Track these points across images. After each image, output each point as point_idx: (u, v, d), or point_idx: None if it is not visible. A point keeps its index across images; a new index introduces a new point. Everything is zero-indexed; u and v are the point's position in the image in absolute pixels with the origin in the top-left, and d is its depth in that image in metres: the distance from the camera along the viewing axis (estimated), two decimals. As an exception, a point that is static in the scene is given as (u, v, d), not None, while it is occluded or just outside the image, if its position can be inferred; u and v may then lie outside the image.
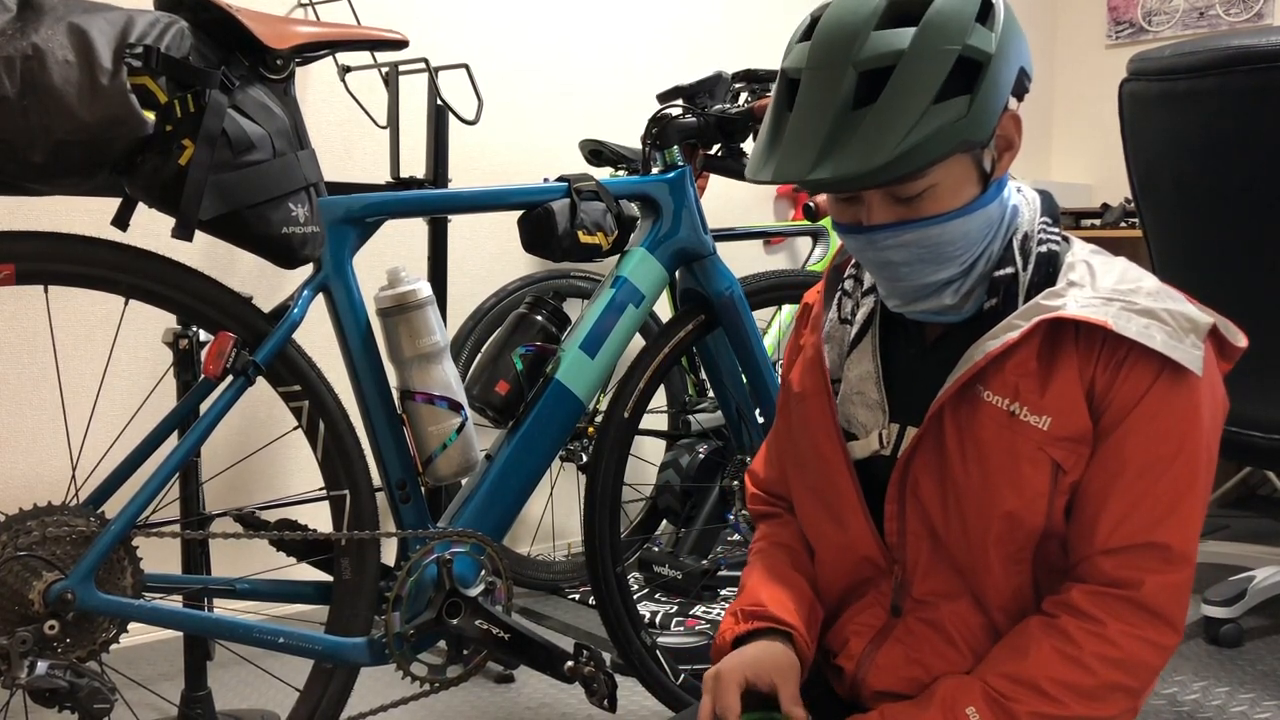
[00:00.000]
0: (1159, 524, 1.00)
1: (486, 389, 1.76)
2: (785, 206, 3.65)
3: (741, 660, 1.08)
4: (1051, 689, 0.98)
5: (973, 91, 0.98)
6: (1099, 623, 1.00)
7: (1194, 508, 1.01)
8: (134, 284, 1.44)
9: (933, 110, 0.97)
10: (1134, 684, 1.00)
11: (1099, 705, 0.99)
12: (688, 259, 1.92)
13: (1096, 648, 0.99)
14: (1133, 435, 1.00)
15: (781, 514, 1.31)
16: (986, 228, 1.06)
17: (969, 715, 0.99)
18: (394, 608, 1.57)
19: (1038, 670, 0.99)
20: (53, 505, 1.39)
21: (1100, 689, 0.99)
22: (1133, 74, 2.28)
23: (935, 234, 1.03)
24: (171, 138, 1.32)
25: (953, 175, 1.01)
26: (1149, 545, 1.00)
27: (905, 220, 1.02)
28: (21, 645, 1.31)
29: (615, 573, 1.90)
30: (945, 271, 1.05)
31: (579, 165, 2.95)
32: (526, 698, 2.23)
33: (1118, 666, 0.99)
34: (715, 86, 2.04)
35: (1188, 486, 1.01)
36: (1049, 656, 1.00)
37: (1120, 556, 1.00)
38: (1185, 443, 1.00)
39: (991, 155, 1.04)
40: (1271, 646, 2.46)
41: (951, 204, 1.02)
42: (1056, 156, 4.52)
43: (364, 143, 2.70)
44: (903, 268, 1.05)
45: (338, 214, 1.58)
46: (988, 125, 0.99)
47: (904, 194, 1.01)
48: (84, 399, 2.43)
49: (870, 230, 1.04)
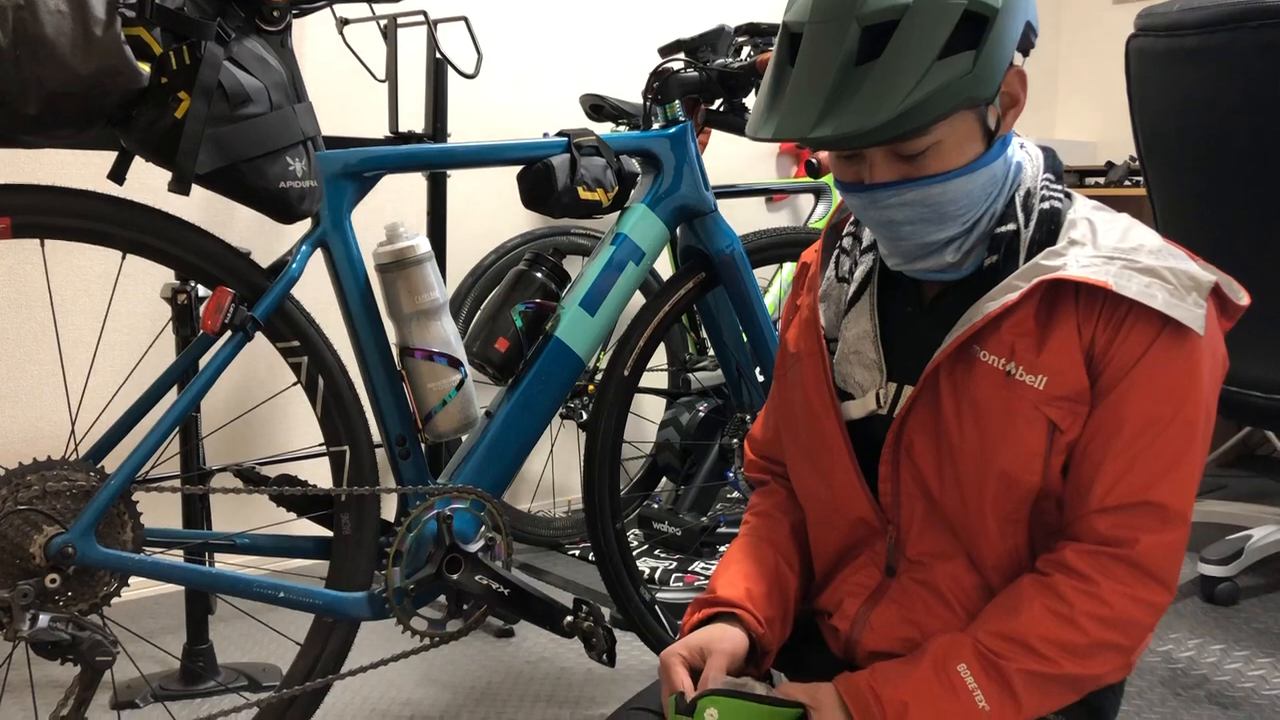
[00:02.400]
0: (1155, 483, 1.00)
1: (486, 346, 1.75)
2: (788, 163, 3.63)
3: (685, 642, 1.09)
4: (1043, 647, 0.99)
5: (978, 47, 0.96)
6: (1092, 582, 1.00)
7: (1191, 467, 1.01)
8: (131, 238, 1.43)
9: (937, 66, 0.95)
10: (1125, 642, 1.00)
11: (1090, 663, 0.99)
12: (689, 216, 1.91)
13: (1088, 606, 0.99)
14: (1131, 394, 1.00)
15: (769, 481, 1.31)
16: (990, 186, 1.05)
17: (960, 672, 1.00)
18: (394, 563, 1.58)
19: (1029, 629, 1.00)
20: (52, 460, 1.39)
21: (1091, 647, 0.99)
22: (1140, 30, 2.25)
23: (938, 192, 1.01)
24: (167, 90, 1.31)
25: (957, 133, 1.00)
26: (1144, 504, 1.00)
27: (908, 178, 1.01)
28: (23, 598, 1.32)
29: (615, 529, 1.91)
30: (947, 230, 1.04)
31: (579, 120, 2.92)
32: (526, 652, 2.25)
33: (1109, 625, 0.99)
34: (717, 40, 2.02)
35: (1185, 446, 1.00)
36: (1041, 615, 1.00)
37: (1115, 515, 1.00)
38: (1184, 402, 1.00)
39: (996, 112, 1.03)
40: (1266, 605, 2.48)
41: (955, 162, 1.01)
42: (1061, 113, 4.49)
43: (362, 96, 2.68)
44: (904, 227, 1.04)
45: (336, 168, 1.57)
46: (993, 82, 0.98)
47: (907, 151, 1.00)
48: (83, 354, 2.43)
49: (872, 189, 1.02)
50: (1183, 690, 2.06)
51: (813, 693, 1.01)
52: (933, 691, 0.99)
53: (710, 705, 0.97)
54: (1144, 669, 2.14)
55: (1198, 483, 1.02)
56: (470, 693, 2.06)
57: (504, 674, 2.14)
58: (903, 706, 0.99)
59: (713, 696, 0.97)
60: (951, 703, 0.99)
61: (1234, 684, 2.08)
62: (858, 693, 1.00)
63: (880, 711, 0.99)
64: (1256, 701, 2.01)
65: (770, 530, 1.24)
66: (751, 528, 1.26)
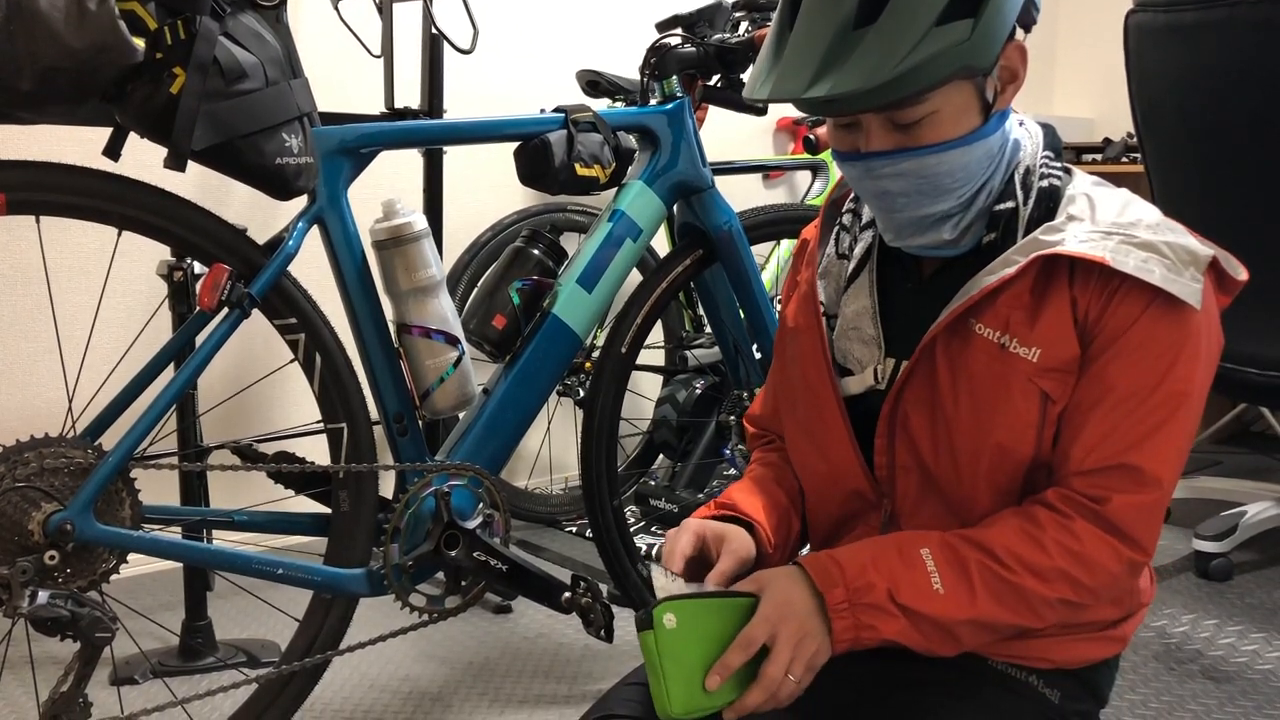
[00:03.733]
0: (1133, 447, 1.00)
1: (483, 323, 1.75)
2: (785, 139, 3.62)
3: (705, 523, 1.11)
4: (1005, 556, 0.99)
5: (976, 15, 0.96)
6: (1067, 517, 1.00)
7: (1174, 436, 1.00)
8: (127, 215, 1.43)
9: (935, 32, 0.95)
10: (1085, 579, 1.00)
11: (1045, 584, 0.99)
12: (686, 192, 1.91)
13: (1058, 535, 1.00)
14: (1117, 362, 1.00)
15: (774, 440, 1.32)
16: (987, 160, 1.04)
17: (923, 555, 1.00)
18: (392, 539, 1.58)
19: (996, 539, 1.00)
20: (50, 437, 1.39)
21: (1052, 571, 0.99)
22: (1138, 5, 2.24)
23: (933, 163, 1.01)
24: (162, 65, 1.30)
25: (953, 103, 1.00)
26: (1120, 466, 1.00)
27: (904, 148, 1.01)
28: (22, 575, 1.32)
29: (612, 506, 1.92)
30: (943, 204, 1.04)
31: (576, 96, 2.90)
32: (524, 628, 2.26)
33: (1073, 557, 0.99)
34: (715, 15, 2.01)
35: (1169, 415, 1.00)
36: (1012, 531, 1.01)
37: (1092, 477, 1.01)
38: (1171, 372, 1.00)
39: (995, 85, 1.03)
40: (1260, 580, 2.49)
41: (952, 133, 1.01)
42: (1059, 89, 4.47)
43: (357, 72, 2.66)
44: (900, 198, 1.04)
45: (332, 145, 1.57)
46: (991, 51, 0.98)
47: (903, 120, 1.00)
48: (79, 331, 2.42)
49: (868, 157, 1.02)
50: (1177, 665, 2.07)
51: (759, 576, 1.02)
52: (892, 563, 1.00)
53: (666, 611, 0.95)
54: (1138, 644, 2.16)
55: (1183, 453, 1.02)
56: (468, 668, 2.07)
57: (502, 650, 2.15)
58: (862, 567, 1.00)
59: (668, 602, 0.96)
60: (909, 576, 0.99)
61: (1227, 659, 2.10)
62: (817, 560, 1.01)
63: (839, 572, 0.99)
64: (1250, 676, 2.02)
65: (780, 476, 1.25)
66: (763, 469, 1.27)
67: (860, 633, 0.98)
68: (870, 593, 0.98)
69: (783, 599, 0.98)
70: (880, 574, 0.99)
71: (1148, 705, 1.92)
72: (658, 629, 0.95)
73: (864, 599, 0.98)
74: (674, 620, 0.95)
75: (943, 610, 0.98)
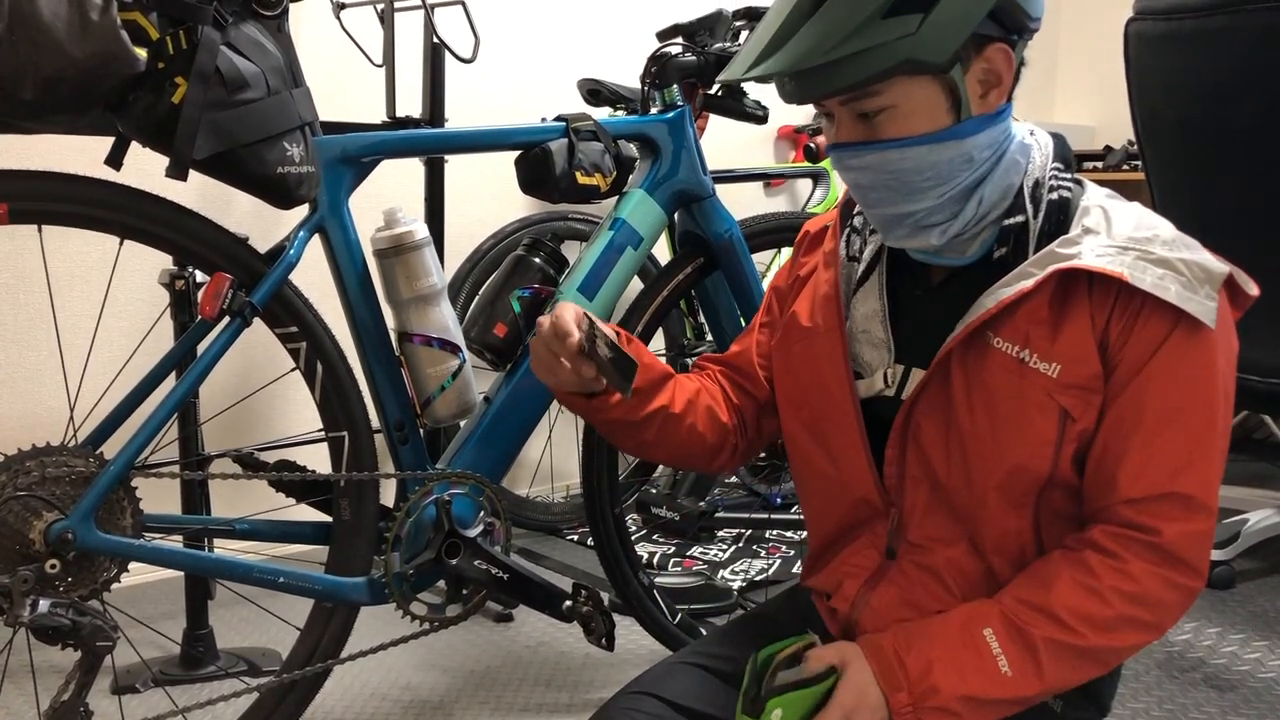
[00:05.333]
0: (1178, 474, 1.00)
1: (484, 331, 1.75)
2: (786, 148, 3.62)
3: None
4: (1068, 618, 0.99)
5: (927, 10, 0.97)
6: (1120, 559, 1.00)
7: (1213, 457, 1.01)
8: (129, 224, 1.43)
9: (879, 24, 0.97)
10: (1149, 618, 1.00)
11: (1113, 636, 0.99)
12: (687, 200, 1.91)
13: (1115, 581, 0.99)
14: (1150, 387, 1.00)
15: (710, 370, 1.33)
16: (962, 163, 1.03)
17: (986, 636, 1.00)
18: (393, 548, 1.58)
19: (1057, 600, 1.00)
20: (51, 446, 1.39)
21: (1116, 621, 0.99)
22: (1139, 13, 2.25)
23: (895, 158, 1.02)
24: (164, 75, 1.31)
25: (913, 99, 1.01)
26: (1170, 495, 1.00)
27: (866, 140, 1.03)
28: (23, 584, 1.32)
29: (613, 514, 1.91)
30: (917, 204, 1.04)
31: (577, 105, 2.91)
32: (525, 637, 2.25)
33: (1135, 601, 0.99)
34: (715, 24, 2.01)
35: (1206, 435, 1.00)
36: (1069, 587, 1.00)
37: (1140, 505, 1.00)
38: (1201, 393, 1.00)
39: (975, 87, 1.02)
40: (1263, 588, 2.49)
41: (913, 129, 1.01)
42: (1060, 98, 4.48)
43: (359, 82, 2.67)
44: (870, 192, 1.06)
45: (333, 154, 1.57)
46: (943, 48, 0.98)
47: (861, 110, 1.02)
48: (81, 340, 2.42)
49: (837, 147, 1.06)
50: (1179, 673, 2.07)
51: (841, 653, 1.02)
52: (956, 653, 1.00)
53: (776, 706, 0.99)
54: (1140, 652, 2.15)
55: (1221, 471, 1.02)
56: (470, 677, 2.07)
57: (503, 658, 2.15)
58: (927, 666, 0.99)
59: (778, 697, 1.00)
60: (975, 664, 0.99)
61: (1230, 667, 2.09)
62: (881, 654, 1.01)
63: (904, 674, 0.99)
64: (1253, 684, 2.02)
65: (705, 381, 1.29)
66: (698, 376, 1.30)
67: None
68: (934, 696, 0.98)
69: (859, 690, 0.99)
70: (945, 673, 0.99)
71: (1150, 714, 1.91)
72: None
73: (928, 702, 0.99)
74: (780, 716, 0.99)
75: (1010, 692, 0.99)
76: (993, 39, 1.01)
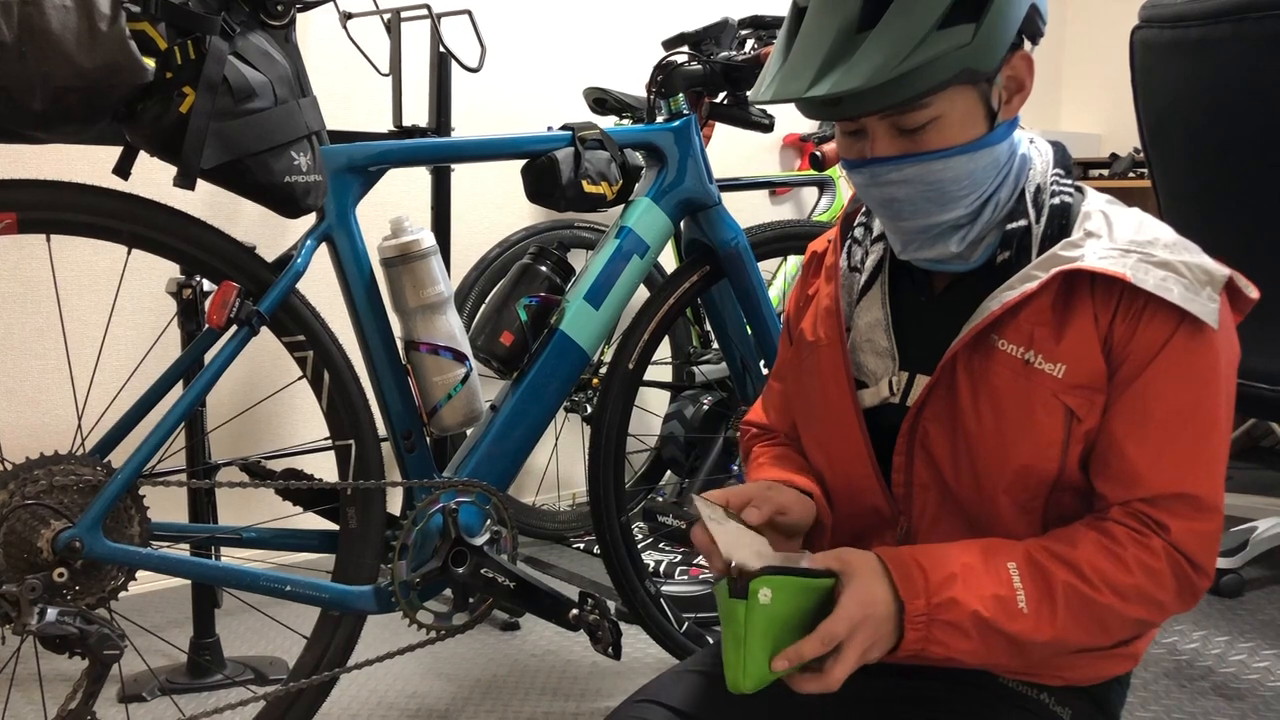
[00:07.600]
0: (1185, 475, 1.00)
1: (491, 340, 1.75)
2: (792, 156, 3.62)
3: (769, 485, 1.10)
4: (1091, 574, 0.98)
5: (979, 19, 0.97)
6: (1143, 534, 0.99)
7: (1216, 457, 1.01)
8: (136, 233, 1.44)
9: (936, 35, 0.96)
10: (1161, 597, 0.99)
11: (1126, 603, 0.98)
12: (693, 209, 1.91)
13: (1138, 552, 0.98)
14: (1153, 386, 1.00)
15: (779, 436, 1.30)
16: (993, 169, 1.04)
17: (1009, 569, 0.98)
18: (400, 556, 1.58)
19: (1081, 555, 0.99)
20: (59, 454, 1.40)
21: (1132, 589, 0.98)
22: (1144, 21, 2.25)
23: (939, 169, 1.02)
24: (172, 85, 1.31)
25: (958, 109, 1.01)
26: (1180, 495, 0.99)
27: (909, 153, 1.02)
28: (31, 592, 1.32)
29: (620, 522, 1.91)
30: (949, 213, 1.04)
31: (583, 113, 2.92)
32: (532, 645, 2.25)
33: (1152, 575, 0.98)
34: (721, 33, 2.01)
35: (1208, 436, 1.00)
36: (1093, 547, 0.99)
37: (1147, 505, 1.00)
38: (1205, 393, 1.00)
39: (1000, 94, 1.03)
40: (1271, 597, 2.48)
41: (957, 139, 1.01)
42: (1066, 106, 4.48)
43: (366, 91, 2.68)
44: (906, 206, 1.05)
45: (340, 163, 1.57)
46: (993, 56, 0.99)
47: (908, 125, 1.00)
48: (88, 349, 2.43)
49: (874, 163, 1.03)
50: (1188, 682, 2.06)
51: (844, 558, 0.98)
52: (979, 574, 0.97)
53: (763, 585, 0.93)
54: (1149, 660, 2.14)
55: (1224, 471, 1.02)
56: (476, 685, 2.07)
57: (509, 667, 2.15)
58: (948, 577, 0.97)
59: (765, 576, 0.94)
60: (995, 590, 0.97)
61: (1239, 676, 2.08)
62: (901, 561, 0.98)
63: (924, 581, 0.96)
64: (1262, 693, 2.01)
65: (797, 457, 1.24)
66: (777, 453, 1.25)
67: (928, 646, 0.96)
68: (951, 609, 0.95)
69: (867, 597, 0.95)
70: (965, 589, 0.96)
71: (1159, 723, 1.91)
72: (751, 601, 0.93)
73: (943, 615, 0.95)
74: (769, 596, 0.93)
75: (1023, 629, 0.96)
76: (1017, 46, 1.02)
